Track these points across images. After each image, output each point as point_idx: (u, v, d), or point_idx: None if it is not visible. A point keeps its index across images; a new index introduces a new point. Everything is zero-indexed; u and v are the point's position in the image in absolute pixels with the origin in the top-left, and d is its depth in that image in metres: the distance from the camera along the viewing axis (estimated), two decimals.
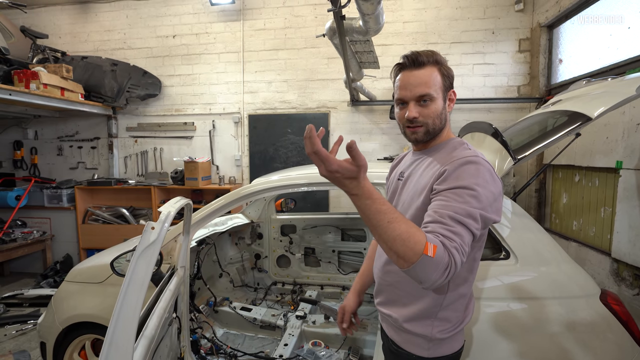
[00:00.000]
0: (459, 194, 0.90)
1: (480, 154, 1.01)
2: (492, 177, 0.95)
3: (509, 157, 1.66)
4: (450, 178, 0.94)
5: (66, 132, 5.05)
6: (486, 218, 0.91)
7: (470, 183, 0.91)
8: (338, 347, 2.22)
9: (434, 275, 0.79)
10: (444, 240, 0.82)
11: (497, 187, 0.96)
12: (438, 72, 1.04)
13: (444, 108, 1.07)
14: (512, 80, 4.12)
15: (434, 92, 1.03)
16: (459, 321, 1.06)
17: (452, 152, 1.04)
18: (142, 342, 1.08)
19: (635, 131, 2.38)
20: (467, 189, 0.90)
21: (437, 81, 1.04)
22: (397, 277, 1.09)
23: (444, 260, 0.79)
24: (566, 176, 3.40)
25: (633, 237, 2.36)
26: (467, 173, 0.93)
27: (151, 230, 0.93)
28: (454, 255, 0.81)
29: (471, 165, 0.95)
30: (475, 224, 0.88)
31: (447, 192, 0.92)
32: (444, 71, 1.05)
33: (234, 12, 4.58)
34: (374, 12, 2.23)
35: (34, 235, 4.33)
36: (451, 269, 0.80)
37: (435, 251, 0.79)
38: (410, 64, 1.05)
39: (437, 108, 1.05)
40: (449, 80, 1.07)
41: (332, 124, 4.48)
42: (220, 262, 2.92)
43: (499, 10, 4.08)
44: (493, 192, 0.93)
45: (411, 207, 1.06)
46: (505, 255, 1.61)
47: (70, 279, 2.14)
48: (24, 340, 2.99)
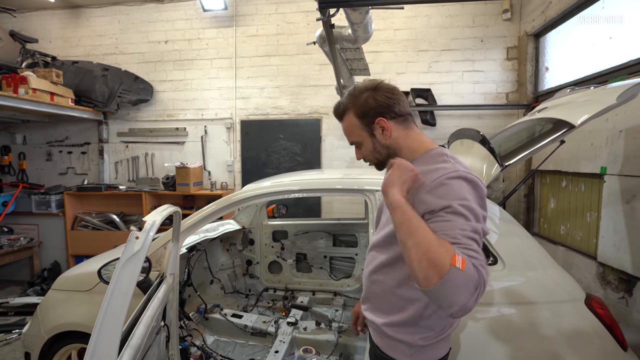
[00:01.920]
0: (443, 216, 0.88)
1: (458, 166, 0.99)
2: (472, 184, 0.94)
3: (497, 164, 1.69)
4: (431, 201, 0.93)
5: (56, 137, 4.99)
6: (483, 228, 0.92)
7: (451, 202, 0.90)
8: (329, 354, 2.21)
9: (464, 293, 0.74)
10: (467, 258, 0.77)
11: (480, 190, 0.96)
12: (353, 115, 1.10)
13: (375, 142, 1.10)
14: (501, 87, 4.20)
15: (357, 138, 1.12)
16: (441, 329, 1.07)
17: (428, 167, 1.01)
18: (128, 351, 1.07)
19: (619, 138, 2.44)
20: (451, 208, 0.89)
21: (354, 126, 1.10)
22: (383, 287, 1.11)
23: (474, 277, 0.75)
24: (553, 181, 3.46)
25: (618, 241, 2.41)
26: (444, 193, 0.92)
27: (135, 240, 0.93)
28: (482, 273, 0.76)
29: (445, 184, 0.93)
30: (480, 237, 0.88)
31: (443, 213, 0.89)
32: (359, 111, 1.08)
33: (227, 18, 4.60)
34: (362, 21, 2.26)
35: (21, 242, 4.24)
36: (481, 287, 0.76)
37: (464, 264, 0.74)
38: (336, 117, 1.15)
39: (367, 147, 1.12)
40: (369, 113, 1.07)
41: (324, 129, 4.50)
42: (211, 268, 2.90)
43: (487, 19, 4.16)
44: (476, 197, 0.93)
45: (387, 224, 1.09)
46: (493, 260, 1.63)
47: (57, 287, 2.10)
48: (7, 351, 2.91)
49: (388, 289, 1.09)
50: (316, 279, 3.03)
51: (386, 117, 1.07)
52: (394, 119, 1.08)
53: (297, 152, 4.54)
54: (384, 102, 1.06)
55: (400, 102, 1.08)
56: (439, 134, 4.19)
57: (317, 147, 4.50)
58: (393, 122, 1.08)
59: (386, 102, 1.06)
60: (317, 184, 2.13)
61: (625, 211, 2.35)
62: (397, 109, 1.07)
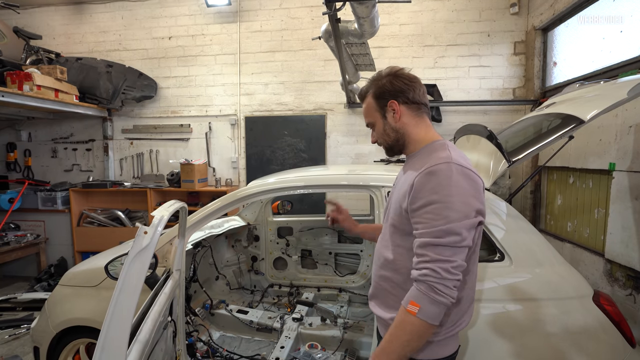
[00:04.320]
0: (432, 211, 0.95)
1: (455, 154, 1.02)
2: (463, 175, 0.97)
3: (504, 160, 1.68)
4: (419, 194, 0.98)
5: (61, 134, 5.01)
6: (470, 222, 0.95)
7: (440, 196, 0.94)
8: (335, 349, 2.22)
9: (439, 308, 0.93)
10: (427, 277, 0.92)
11: (471, 182, 0.98)
12: (372, 97, 1.17)
13: (385, 124, 1.16)
14: (508, 83, 4.15)
15: (371, 119, 1.19)
16: (450, 326, 1.07)
17: (426, 158, 1.06)
18: (136, 346, 1.07)
19: (628, 133, 2.41)
20: (439, 203, 0.94)
21: (371, 107, 1.18)
22: (391, 283, 1.12)
23: (429, 286, 0.92)
24: (560, 178, 3.43)
25: (626, 238, 2.38)
26: (434, 184, 0.96)
27: (144, 235, 0.93)
28: (438, 288, 0.92)
29: (435, 174, 0.97)
30: (458, 237, 0.93)
31: (422, 213, 0.97)
32: (377, 92, 1.15)
33: (230, 13, 4.57)
34: (369, 15, 2.24)
35: (28, 239, 4.28)
36: (444, 296, 0.92)
37: (419, 306, 0.93)
38: (359, 99, 1.24)
39: (379, 128, 1.18)
40: (385, 95, 1.13)
41: (329, 125, 4.49)
42: (217, 264, 2.91)
43: (494, 13, 4.11)
44: (467, 189, 0.96)
45: (389, 219, 1.15)
46: (500, 257, 1.62)
47: (64, 282, 2.12)
48: (16, 345, 2.95)
49: (395, 285, 1.10)
50: (321, 275, 3.03)
51: (399, 100, 1.12)
52: (406, 104, 1.13)
53: (301, 149, 4.53)
54: (399, 86, 1.12)
55: (415, 90, 1.12)
56: (445, 130, 4.16)
57: (322, 144, 4.49)
58: (405, 107, 1.13)
59: (402, 87, 1.12)
60: (322, 180, 2.12)
61: (634, 208, 2.32)
62: (410, 95, 1.12)
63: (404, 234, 1.07)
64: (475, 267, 1.11)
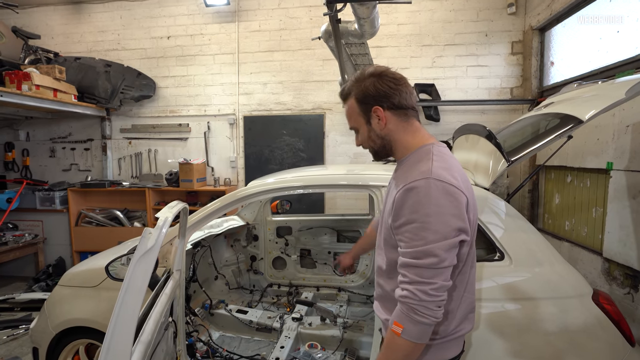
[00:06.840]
0: (411, 230, 0.94)
1: (437, 165, 0.97)
2: (443, 192, 0.92)
3: (503, 159, 1.68)
4: (400, 212, 0.97)
5: (59, 133, 4.99)
6: (449, 242, 0.91)
7: (418, 215, 0.92)
8: (334, 349, 2.22)
9: (423, 328, 0.93)
10: (407, 299, 0.92)
11: (450, 199, 0.92)
12: (354, 99, 1.08)
13: (370, 130, 1.09)
14: (505, 82, 4.17)
15: (354, 124, 1.12)
16: (451, 330, 1.06)
17: (409, 170, 1.01)
18: (139, 347, 1.07)
19: (625, 133, 2.42)
20: (417, 223, 0.92)
21: (354, 111, 1.10)
22: (386, 289, 1.12)
23: (417, 321, 0.92)
24: (558, 177, 3.44)
25: (624, 237, 2.40)
26: (412, 202, 0.94)
27: (149, 236, 0.93)
28: (419, 310, 0.91)
29: (413, 191, 0.93)
30: (436, 258, 0.90)
31: (403, 231, 0.96)
32: (359, 96, 1.06)
33: (229, 13, 4.57)
34: (369, 16, 2.24)
35: (26, 238, 4.26)
36: (425, 317, 0.91)
37: (402, 327, 0.93)
38: (341, 98, 1.15)
39: (363, 134, 1.11)
40: (368, 100, 1.05)
41: (327, 125, 4.49)
42: (216, 264, 2.90)
43: (492, 13, 4.12)
44: (447, 207, 0.91)
45: (382, 231, 1.13)
46: (500, 256, 1.63)
47: (63, 283, 2.11)
48: (15, 346, 2.94)
49: (390, 291, 1.09)
50: (320, 275, 3.03)
51: (383, 106, 1.04)
52: (391, 110, 1.05)
53: (300, 148, 4.53)
54: (383, 91, 1.03)
55: (401, 94, 1.04)
56: (442, 129, 4.17)
57: (321, 143, 4.49)
58: (390, 112, 1.05)
59: (386, 91, 1.03)
60: (321, 180, 2.12)
61: (632, 207, 2.34)
62: (396, 100, 1.04)
63: (393, 247, 1.05)
64: (471, 277, 1.09)
